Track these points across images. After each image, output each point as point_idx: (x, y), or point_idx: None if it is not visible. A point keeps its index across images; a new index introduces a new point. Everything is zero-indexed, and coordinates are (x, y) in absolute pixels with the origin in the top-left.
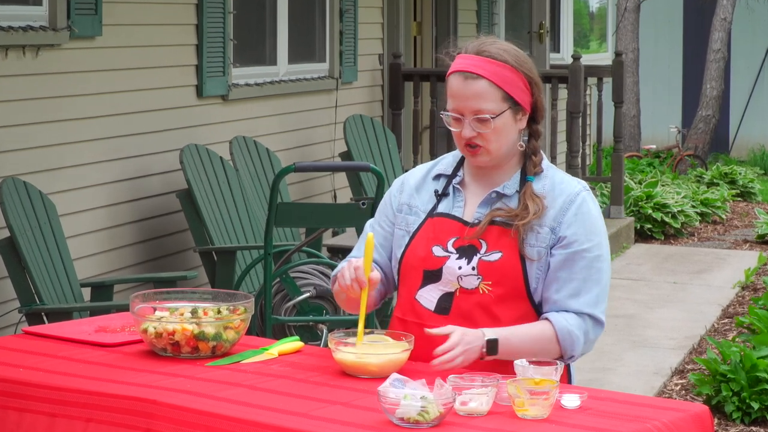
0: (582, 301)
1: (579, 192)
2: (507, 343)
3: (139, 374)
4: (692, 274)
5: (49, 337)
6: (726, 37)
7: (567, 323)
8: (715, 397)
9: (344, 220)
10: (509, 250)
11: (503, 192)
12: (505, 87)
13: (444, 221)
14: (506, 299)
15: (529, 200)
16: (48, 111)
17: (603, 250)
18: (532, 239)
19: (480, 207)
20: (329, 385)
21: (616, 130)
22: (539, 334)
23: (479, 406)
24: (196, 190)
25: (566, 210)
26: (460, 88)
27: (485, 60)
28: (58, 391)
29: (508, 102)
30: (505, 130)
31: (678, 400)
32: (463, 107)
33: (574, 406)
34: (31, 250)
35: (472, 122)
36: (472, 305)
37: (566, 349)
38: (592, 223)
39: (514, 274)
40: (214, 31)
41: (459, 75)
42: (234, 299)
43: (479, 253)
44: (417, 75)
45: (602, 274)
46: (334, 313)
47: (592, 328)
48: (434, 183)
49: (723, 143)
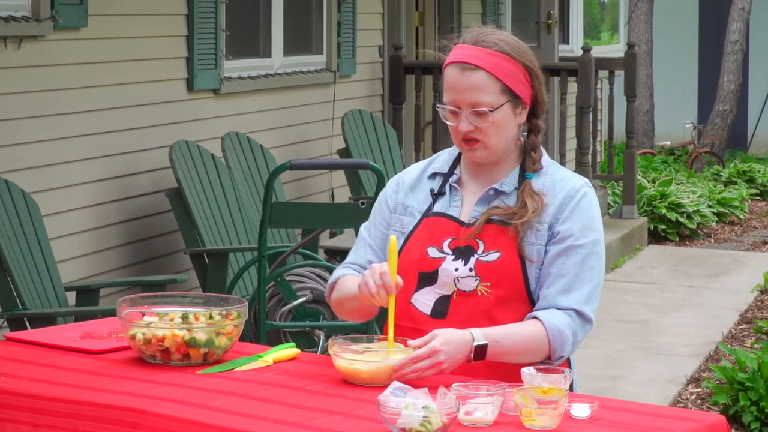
0: (572, 297)
1: (580, 188)
2: (496, 345)
3: (126, 383)
4: (708, 278)
5: (32, 343)
6: (744, 27)
7: (557, 322)
8: (732, 407)
9: (342, 220)
10: (508, 250)
11: (501, 189)
12: (504, 79)
13: (440, 221)
14: (506, 301)
15: (527, 198)
16: (31, 106)
17: (598, 249)
18: (532, 237)
19: (477, 205)
20: (327, 394)
21: (629, 126)
22: (530, 335)
23: (484, 416)
24: (186, 188)
25: (565, 206)
26: (457, 80)
27: (483, 50)
28: (42, 400)
29: (507, 95)
30: (503, 124)
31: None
32: (460, 100)
33: (584, 416)
34: (12, 252)
35: (470, 116)
36: (471, 308)
37: (556, 349)
38: (589, 220)
39: (514, 275)
40: (206, 21)
41: (456, 66)
42: (226, 304)
43: (476, 254)
44: (419, 68)
45: (595, 272)
46: (331, 318)
47: (580, 327)
48: (430, 182)
49: (741, 139)
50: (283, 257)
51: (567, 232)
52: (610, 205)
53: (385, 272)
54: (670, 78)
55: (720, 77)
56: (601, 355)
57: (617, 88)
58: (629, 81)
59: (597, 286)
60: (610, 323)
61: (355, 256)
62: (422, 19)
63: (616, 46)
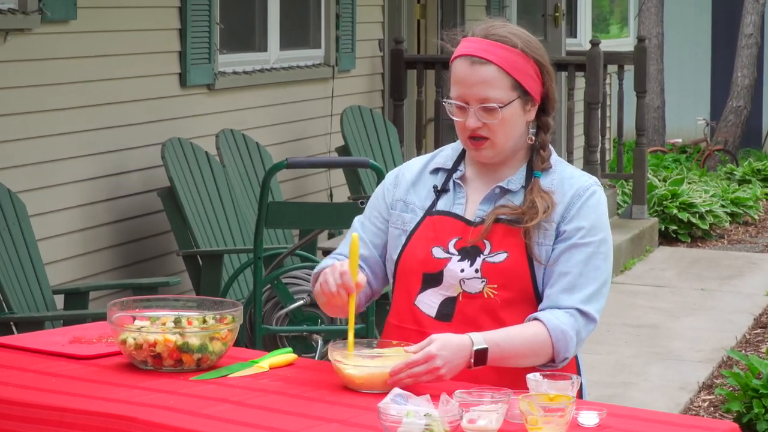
0: (575, 296)
1: (589, 186)
2: (498, 349)
3: (117, 389)
4: (721, 280)
5: (19, 348)
6: (759, 20)
7: (559, 322)
8: (746, 415)
9: (341, 220)
10: (516, 250)
11: (507, 187)
12: (514, 74)
13: (444, 220)
14: (513, 303)
15: (537, 197)
16: (17, 102)
17: (604, 248)
18: (541, 238)
19: (482, 204)
20: (325, 401)
21: (639, 123)
22: (532, 337)
23: (488, 424)
24: (179, 188)
25: (573, 204)
26: (467, 74)
27: (494, 44)
28: (29, 407)
29: (517, 91)
30: (513, 121)
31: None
32: (469, 95)
33: (592, 424)
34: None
35: (478, 111)
36: (477, 310)
37: (560, 351)
38: (597, 219)
39: (522, 276)
40: (199, 13)
41: (465, 59)
42: (221, 307)
43: (483, 254)
44: (421, 62)
45: (600, 272)
46: (329, 322)
47: (584, 326)
48: (432, 177)
49: (755, 137)
50: (279, 259)
51: (573, 230)
52: (620, 205)
53: (346, 272)
54: (681, 73)
55: (734, 72)
56: (610, 360)
57: (627, 84)
58: (639, 76)
59: (602, 286)
60: (620, 327)
61: (344, 248)
62: (424, 11)
63: (626, 39)
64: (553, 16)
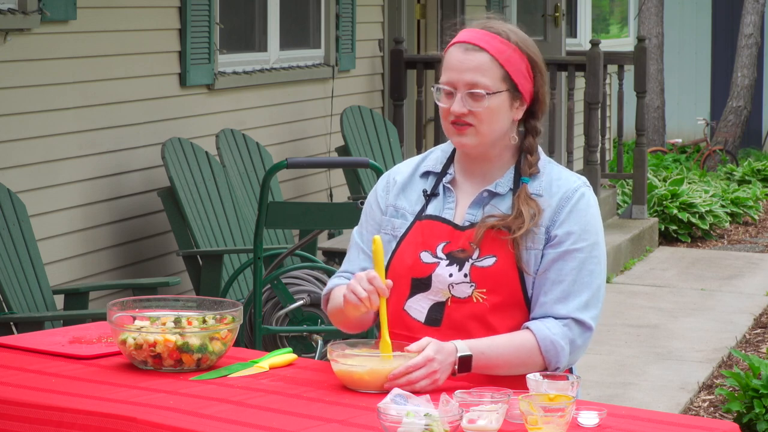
0: (570, 305)
1: (577, 188)
2: (483, 357)
3: (117, 389)
4: (721, 280)
5: (18, 348)
6: (759, 20)
7: (549, 332)
8: (746, 415)
9: (341, 220)
10: (504, 254)
11: (495, 191)
12: (506, 66)
13: (433, 224)
14: (502, 308)
15: (523, 205)
16: (17, 102)
17: (597, 252)
18: (529, 242)
19: (471, 208)
20: (325, 401)
21: (639, 123)
22: (519, 346)
23: (489, 424)
24: (179, 188)
25: (562, 208)
26: (459, 60)
27: (490, 35)
28: (29, 407)
29: (507, 83)
30: (498, 113)
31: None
32: (458, 80)
33: (592, 424)
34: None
35: (465, 97)
36: (466, 315)
37: (550, 360)
38: (588, 222)
39: (511, 281)
40: (199, 13)
41: (459, 46)
42: (221, 307)
43: (471, 259)
44: (421, 62)
45: (594, 277)
46: (329, 322)
47: (579, 334)
48: (422, 181)
49: (755, 137)
50: (279, 259)
51: (564, 235)
52: (620, 205)
53: (375, 276)
54: (681, 73)
55: (734, 72)
56: (610, 360)
57: (627, 84)
58: (639, 76)
59: (597, 291)
60: (620, 328)
61: (348, 264)
62: (424, 11)
63: (626, 39)
64: (553, 16)
